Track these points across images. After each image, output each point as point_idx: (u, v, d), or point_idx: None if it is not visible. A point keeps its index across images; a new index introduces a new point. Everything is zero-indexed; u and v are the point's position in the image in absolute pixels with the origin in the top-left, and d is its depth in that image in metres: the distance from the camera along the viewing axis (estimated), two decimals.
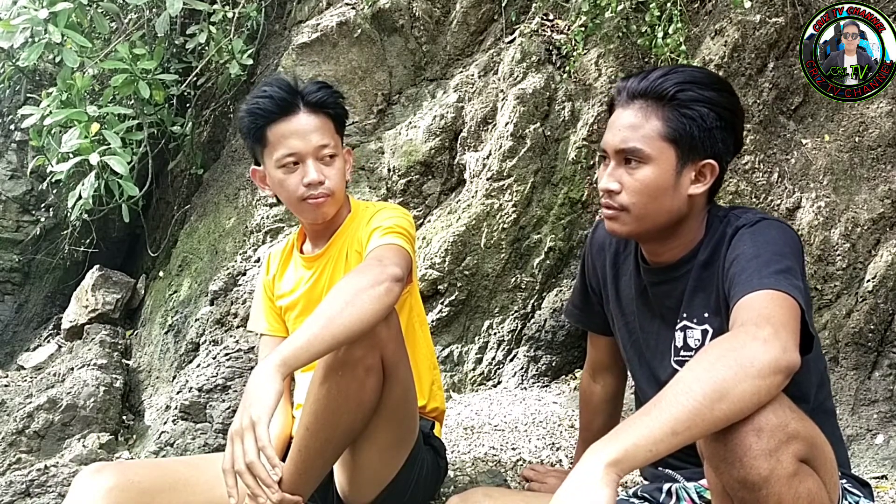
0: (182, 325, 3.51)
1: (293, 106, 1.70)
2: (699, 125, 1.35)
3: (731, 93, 1.43)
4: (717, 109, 1.36)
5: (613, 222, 1.43)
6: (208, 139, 4.12)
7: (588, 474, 1.06)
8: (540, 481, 1.95)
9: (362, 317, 1.41)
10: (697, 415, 1.06)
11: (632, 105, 1.39)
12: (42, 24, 3.23)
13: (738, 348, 1.11)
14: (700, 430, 1.07)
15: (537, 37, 3.15)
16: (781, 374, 1.10)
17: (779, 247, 1.31)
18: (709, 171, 1.39)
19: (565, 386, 2.86)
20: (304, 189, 1.69)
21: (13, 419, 3.06)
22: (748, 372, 1.08)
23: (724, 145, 1.39)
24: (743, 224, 1.38)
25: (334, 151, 1.73)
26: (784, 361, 1.10)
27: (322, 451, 1.52)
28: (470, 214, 3.03)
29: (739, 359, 1.09)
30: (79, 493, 1.55)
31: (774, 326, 1.14)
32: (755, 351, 1.10)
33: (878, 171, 2.45)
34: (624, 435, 1.08)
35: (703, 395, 1.06)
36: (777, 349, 1.10)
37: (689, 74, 1.39)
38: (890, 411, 2.30)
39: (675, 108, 1.36)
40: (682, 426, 1.06)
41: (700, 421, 1.06)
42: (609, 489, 1.05)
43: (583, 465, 1.07)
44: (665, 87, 1.36)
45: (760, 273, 1.25)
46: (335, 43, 3.44)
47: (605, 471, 1.05)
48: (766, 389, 1.09)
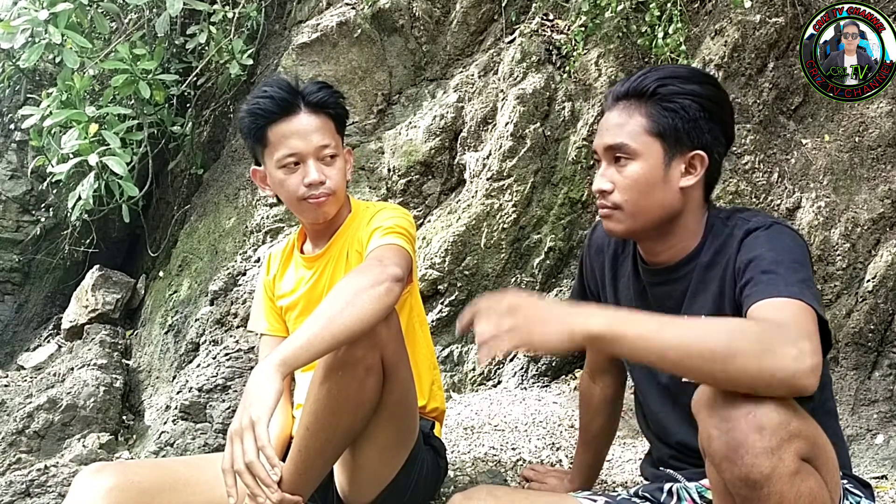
0: (182, 325, 3.51)
1: (294, 106, 1.70)
2: (682, 117, 1.37)
3: (715, 85, 1.44)
4: (700, 100, 1.37)
5: (609, 221, 1.44)
6: (208, 139, 4.12)
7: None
8: (540, 481, 1.95)
9: (362, 317, 1.41)
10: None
11: (616, 106, 1.42)
12: (42, 24, 3.23)
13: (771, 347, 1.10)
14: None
15: (537, 37, 3.15)
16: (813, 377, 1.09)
17: (796, 255, 1.31)
18: (699, 163, 1.39)
19: (565, 386, 2.86)
20: (305, 189, 1.69)
21: (13, 419, 3.06)
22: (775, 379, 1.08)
23: (712, 136, 1.40)
24: (756, 227, 1.37)
25: (335, 151, 1.73)
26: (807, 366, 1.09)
27: (322, 450, 1.52)
28: (470, 214, 3.03)
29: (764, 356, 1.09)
30: (79, 493, 1.55)
31: (806, 337, 1.12)
32: (786, 361, 1.09)
33: (878, 171, 2.45)
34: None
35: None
36: (808, 361, 1.09)
37: (669, 70, 1.42)
38: (890, 411, 2.30)
39: (656, 102, 1.38)
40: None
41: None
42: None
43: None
44: (645, 84, 1.38)
45: (787, 280, 1.25)
46: (335, 43, 3.44)
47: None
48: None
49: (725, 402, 1.12)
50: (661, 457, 1.56)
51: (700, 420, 1.15)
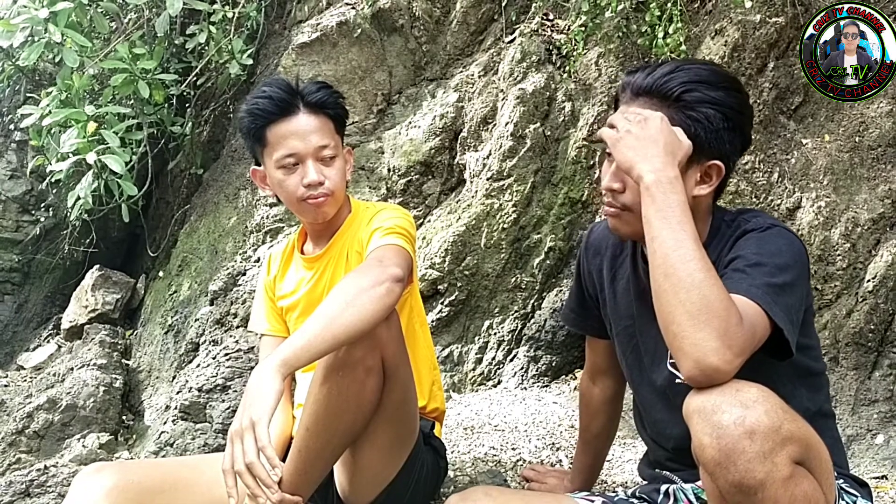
0: (182, 325, 3.51)
1: (293, 106, 1.70)
2: (705, 127, 1.32)
3: (739, 90, 1.39)
4: (724, 110, 1.33)
5: (616, 221, 1.42)
6: (208, 139, 4.12)
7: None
8: (540, 481, 1.95)
9: (363, 317, 1.41)
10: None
11: (636, 102, 1.36)
12: (42, 23, 3.23)
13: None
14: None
15: (537, 36, 3.15)
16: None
17: (783, 259, 1.29)
18: (714, 172, 1.36)
19: (565, 386, 2.86)
20: (304, 189, 1.69)
21: (13, 419, 3.06)
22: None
23: (731, 146, 1.36)
24: (752, 228, 1.36)
25: (334, 152, 1.72)
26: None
27: (322, 451, 1.52)
28: (470, 214, 3.03)
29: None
30: (79, 493, 1.55)
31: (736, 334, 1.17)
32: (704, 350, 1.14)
33: (878, 171, 2.45)
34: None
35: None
36: (721, 356, 1.14)
37: (695, 73, 1.35)
38: (890, 411, 2.30)
39: (680, 109, 1.32)
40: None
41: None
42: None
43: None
44: (670, 87, 1.33)
45: (754, 280, 1.25)
46: (335, 43, 3.44)
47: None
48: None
49: (716, 408, 1.11)
50: (657, 458, 1.55)
51: (692, 427, 1.15)
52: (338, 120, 1.77)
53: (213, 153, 4.06)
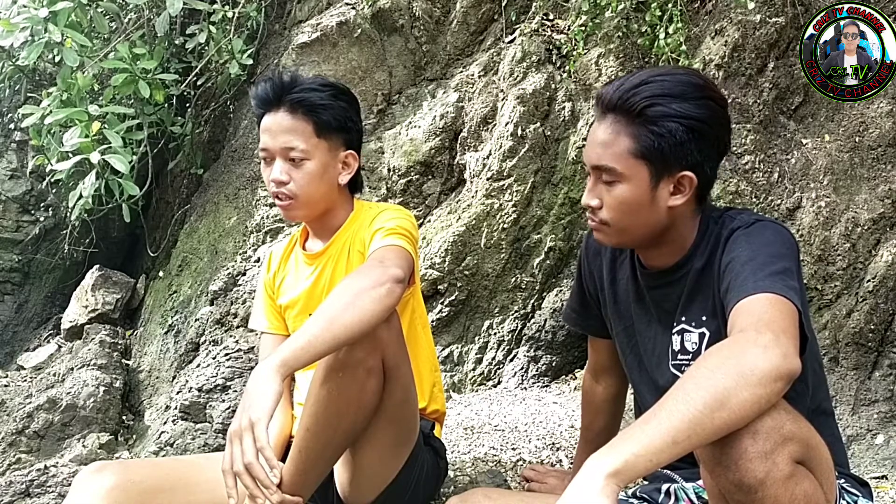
0: (182, 326, 3.51)
1: (274, 103, 1.70)
2: (668, 140, 1.33)
3: (711, 98, 1.38)
4: (688, 122, 1.33)
5: (599, 234, 1.46)
6: (208, 139, 4.12)
7: (588, 485, 1.05)
8: (540, 481, 1.95)
9: (363, 318, 1.41)
10: (698, 424, 1.05)
11: (605, 119, 1.38)
12: (42, 23, 3.23)
13: (739, 355, 1.10)
14: (700, 439, 1.06)
15: (537, 37, 3.15)
16: (782, 381, 1.10)
17: (774, 248, 1.30)
18: (687, 183, 1.37)
19: (565, 386, 2.86)
20: (272, 186, 1.71)
21: (13, 419, 3.06)
22: (749, 380, 1.07)
23: (702, 155, 1.36)
24: (738, 226, 1.37)
25: (304, 155, 1.68)
26: (785, 368, 1.10)
27: (322, 452, 1.52)
28: (470, 214, 3.03)
29: (740, 366, 1.08)
30: (79, 493, 1.55)
31: (774, 332, 1.13)
32: (756, 358, 1.09)
33: (878, 171, 2.45)
34: (624, 445, 1.07)
35: (703, 404, 1.06)
36: (778, 356, 1.10)
37: (660, 86, 1.34)
38: (890, 411, 2.30)
39: (642, 124, 1.33)
40: (682, 435, 1.05)
41: (700, 430, 1.05)
42: (609, 500, 1.04)
43: (583, 475, 1.06)
44: (634, 102, 1.34)
45: (756, 276, 1.25)
46: (335, 43, 3.44)
47: (605, 481, 1.04)
48: (767, 397, 1.08)
49: None
50: None
51: None
52: (321, 123, 1.71)
53: (214, 153, 4.06)
